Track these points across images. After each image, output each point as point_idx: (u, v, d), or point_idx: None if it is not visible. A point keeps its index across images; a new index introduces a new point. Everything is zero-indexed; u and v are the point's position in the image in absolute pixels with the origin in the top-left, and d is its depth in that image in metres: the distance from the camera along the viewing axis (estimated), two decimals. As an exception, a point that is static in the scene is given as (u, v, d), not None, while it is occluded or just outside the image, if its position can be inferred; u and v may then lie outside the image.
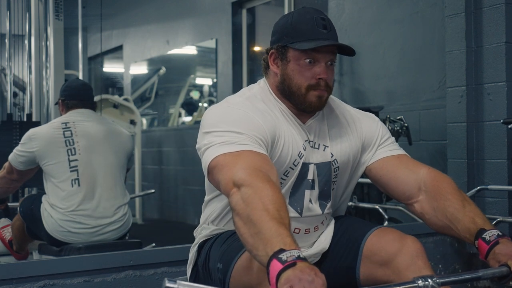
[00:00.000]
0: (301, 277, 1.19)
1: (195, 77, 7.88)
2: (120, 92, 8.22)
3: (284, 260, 1.23)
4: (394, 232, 1.69)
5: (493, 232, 1.55)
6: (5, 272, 2.15)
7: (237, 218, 1.39)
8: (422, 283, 1.35)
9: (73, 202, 2.94)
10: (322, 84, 1.67)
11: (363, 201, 3.86)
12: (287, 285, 1.19)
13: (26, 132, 3.06)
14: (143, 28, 8.11)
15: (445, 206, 1.65)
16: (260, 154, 1.54)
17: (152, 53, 8.03)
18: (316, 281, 1.20)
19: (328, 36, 1.65)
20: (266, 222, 1.32)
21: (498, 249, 1.51)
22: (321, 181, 1.73)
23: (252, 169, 1.45)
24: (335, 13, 4.94)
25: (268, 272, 1.25)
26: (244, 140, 1.55)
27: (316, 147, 1.74)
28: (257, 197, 1.38)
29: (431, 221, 1.71)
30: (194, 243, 1.84)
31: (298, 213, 1.71)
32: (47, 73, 4.77)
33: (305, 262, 1.23)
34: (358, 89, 4.79)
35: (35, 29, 4.83)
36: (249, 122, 1.60)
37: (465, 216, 1.61)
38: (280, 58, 1.70)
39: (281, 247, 1.25)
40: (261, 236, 1.31)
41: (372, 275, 1.68)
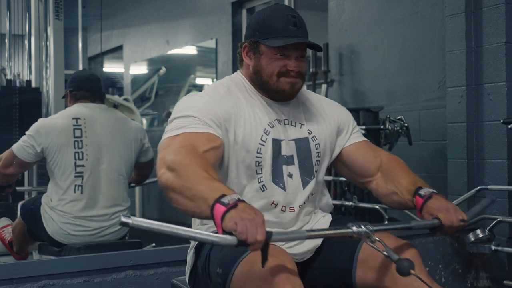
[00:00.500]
0: (243, 216, 1.35)
1: (195, 77, 7.88)
2: (120, 92, 8.22)
3: (227, 203, 1.39)
4: (390, 238, 1.71)
5: (428, 189, 1.72)
6: (5, 272, 2.15)
7: (172, 193, 1.53)
8: (356, 229, 1.49)
9: (74, 208, 2.92)
10: (292, 74, 1.76)
11: (363, 201, 3.86)
12: (231, 223, 1.35)
13: (36, 124, 2.97)
14: (143, 28, 8.12)
15: (394, 176, 1.83)
16: (199, 133, 1.65)
17: (152, 53, 8.03)
18: (257, 219, 1.36)
19: (297, 33, 1.75)
20: (199, 183, 1.47)
21: (431, 203, 1.68)
22: (300, 156, 1.80)
23: (181, 148, 1.58)
24: (335, 13, 4.94)
25: (213, 216, 1.40)
26: (190, 123, 1.67)
27: (292, 125, 1.82)
28: (184, 167, 1.51)
29: (383, 192, 1.86)
30: (190, 246, 1.84)
31: (282, 188, 1.77)
32: (47, 73, 4.77)
33: (245, 203, 1.40)
34: (358, 89, 4.79)
35: (35, 29, 4.83)
36: (201, 106, 1.71)
37: (408, 181, 1.78)
38: (252, 52, 1.80)
39: (221, 193, 1.42)
40: (199, 195, 1.45)
41: (368, 279, 1.70)
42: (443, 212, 1.64)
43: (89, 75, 3.25)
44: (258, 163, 1.75)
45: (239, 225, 1.34)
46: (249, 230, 1.34)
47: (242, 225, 1.34)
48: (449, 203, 1.69)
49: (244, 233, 1.34)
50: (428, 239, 3.15)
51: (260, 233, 1.35)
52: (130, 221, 1.35)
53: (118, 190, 3.04)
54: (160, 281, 2.41)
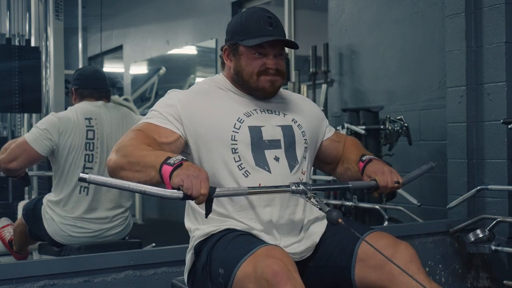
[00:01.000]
0: (187, 173, 1.50)
1: (195, 77, 7.87)
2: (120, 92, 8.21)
3: (172, 163, 1.54)
4: (389, 238, 1.74)
5: (370, 156, 1.91)
6: (5, 272, 2.15)
7: (122, 171, 1.63)
8: (295, 188, 1.66)
9: (77, 209, 2.91)
10: (271, 72, 1.84)
11: (363, 201, 3.86)
12: (177, 179, 1.49)
13: (50, 119, 2.87)
14: (143, 28, 8.12)
15: (347, 155, 2.00)
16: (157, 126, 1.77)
17: (152, 53, 8.03)
18: (201, 175, 1.51)
19: (273, 32, 1.83)
20: (146, 155, 1.61)
21: (370, 167, 1.85)
22: (286, 141, 1.85)
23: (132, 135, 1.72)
24: (335, 13, 4.94)
25: (161, 177, 1.54)
26: (153, 116, 1.81)
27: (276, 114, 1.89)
28: (130, 148, 1.66)
29: (340, 171, 2.03)
30: (189, 247, 1.85)
31: (267, 170, 1.80)
32: (47, 73, 4.77)
33: (190, 162, 1.56)
34: (358, 89, 4.79)
35: (35, 29, 4.83)
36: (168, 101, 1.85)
37: (356, 154, 1.95)
38: (232, 54, 1.89)
39: (167, 156, 1.57)
40: (147, 164, 1.58)
41: (366, 279, 1.72)
42: (379, 174, 1.80)
43: (94, 72, 3.17)
44: (234, 150, 1.79)
45: (185, 181, 1.49)
46: (194, 185, 1.49)
47: (188, 181, 1.49)
48: (386, 166, 1.85)
49: (190, 188, 1.48)
50: (428, 239, 3.15)
51: (203, 187, 1.50)
52: (87, 176, 1.47)
53: (122, 191, 3.03)
54: (160, 281, 2.40)
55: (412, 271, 1.62)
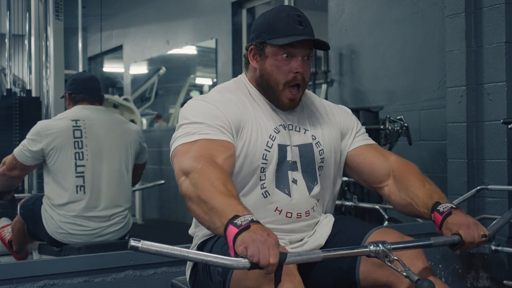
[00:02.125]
0: (254, 237, 1.32)
1: (195, 77, 7.88)
2: (120, 92, 8.22)
3: (239, 224, 1.36)
4: (394, 233, 1.72)
5: (447, 205, 1.67)
6: (5, 272, 2.15)
7: (190, 203, 1.52)
8: (374, 248, 1.46)
9: (76, 208, 2.92)
10: (299, 78, 1.75)
11: (363, 201, 3.86)
12: (242, 246, 1.31)
13: (35, 126, 2.98)
14: (143, 28, 8.12)
15: (407, 186, 1.78)
16: (215, 140, 1.65)
17: (152, 53, 8.03)
18: (269, 241, 1.32)
19: (303, 31, 1.74)
20: (216, 197, 1.45)
21: (451, 220, 1.62)
22: (303, 161, 1.79)
23: (199, 156, 1.58)
24: (335, 13, 4.94)
25: (226, 237, 1.37)
26: (203, 129, 1.66)
27: (296, 130, 1.81)
28: (202, 178, 1.51)
29: (396, 201, 1.82)
30: (192, 245, 1.84)
31: (287, 194, 1.76)
32: (47, 73, 4.77)
33: (259, 224, 1.36)
34: (358, 89, 4.79)
35: (35, 29, 4.82)
36: (211, 112, 1.71)
37: (424, 193, 1.73)
38: (259, 54, 1.79)
39: (235, 214, 1.39)
40: (214, 210, 1.44)
41: (371, 276, 1.69)
42: (464, 228, 1.59)
43: (88, 78, 3.24)
44: (262, 169, 1.73)
45: (249, 248, 1.31)
46: (261, 252, 1.30)
47: (254, 247, 1.31)
48: (469, 217, 1.64)
49: (256, 256, 1.30)
50: (428, 239, 3.15)
51: (273, 256, 1.31)
52: (139, 245, 1.31)
53: (120, 190, 3.04)
54: (160, 281, 2.40)
55: (417, 266, 1.61)
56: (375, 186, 1.89)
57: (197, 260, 1.34)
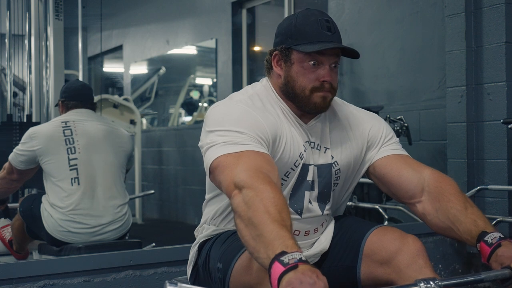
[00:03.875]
0: (302, 279, 1.19)
1: (195, 77, 7.87)
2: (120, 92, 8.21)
3: (286, 262, 1.23)
4: (395, 231, 1.69)
5: (495, 234, 1.56)
6: (5, 272, 2.15)
7: (239, 220, 1.40)
8: (424, 285, 1.35)
9: (72, 200, 2.94)
10: (327, 86, 1.67)
11: (363, 201, 3.86)
12: (289, 287, 1.19)
13: (27, 131, 3.06)
14: (143, 28, 8.11)
15: (447, 207, 1.66)
16: (262, 153, 1.54)
17: (152, 53, 8.03)
18: (318, 284, 1.20)
19: (332, 38, 1.66)
20: (267, 224, 1.33)
21: (501, 252, 1.52)
22: (321, 182, 1.73)
23: (253, 171, 1.45)
24: (335, 13, 4.94)
25: (270, 274, 1.25)
26: (246, 140, 1.55)
27: (318, 149, 1.74)
28: (258, 199, 1.38)
29: (433, 222, 1.71)
30: (194, 243, 1.83)
31: (298, 214, 1.71)
32: (47, 73, 4.77)
33: (307, 265, 1.23)
34: (358, 89, 4.79)
35: (35, 29, 4.82)
36: (251, 120, 1.60)
37: (467, 218, 1.61)
38: (283, 60, 1.70)
39: (283, 249, 1.26)
40: (262, 238, 1.31)
41: (373, 274, 1.68)
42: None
43: (80, 86, 3.33)
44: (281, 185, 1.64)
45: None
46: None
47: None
48: None
49: None
50: (428, 239, 3.15)
51: None
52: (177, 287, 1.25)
53: (115, 182, 3.08)
54: (160, 281, 2.41)
55: (418, 265, 1.59)
56: (405, 201, 1.78)
57: None
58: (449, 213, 1.65)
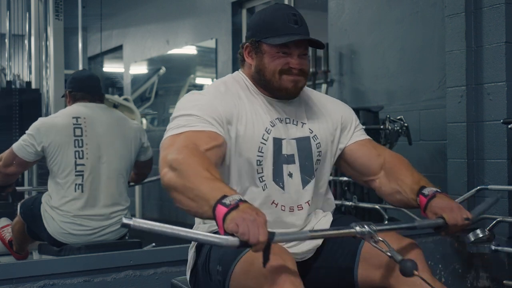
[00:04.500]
0: (244, 216, 1.35)
1: (195, 77, 7.87)
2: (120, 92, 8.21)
3: (228, 204, 1.38)
4: (392, 234, 1.71)
5: (432, 188, 1.72)
6: (5, 272, 2.15)
7: (175, 193, 1.52)
8: (359, 229, 1.48)
9: (74, 207, 2.92)
10: (294, 71, 1.76)
11: (363, 201, 3.86)
12: (232, 224, 1.34)
13: (36, 123, 2.97)
14: (143, 28, 8.11)
15: (397, 175, 1.82)
16: (201, 131, 1.65)
17: (152, 53, 8.03)
18: (258, 220, 1.35)
19: (298, 31, 1.75)
20: (201, 183, 1.47)
21: (435, 203, 1.66)
22: (301, 155, 1.80)
23: (183, 147, 1.58)
24: (335, 13, 4.94)
25: (215, 217, 1.40)
26: (191, 121, 1.67)
27: (294, 124, 1.82)
28: (186, 167, 1.52)
29: (386, 191, 1.86)
30: (191, 244, 1.84)
31: (281, 187, 1.77)
32: (47, 73, 4.77)
33: (247, 204, 1.40)
34: (358, 89, 4.79)
35: (35, 29, 4.83)
36: (203, 104, 1.72)
37: (412, 180, 1.77)
38: (254, 52, 1.81)
39: (223, 194, 1.41)
40: (201, 195, 1.45)
41: (370, 277, 1.69)
42: (447, 211, 1.63)
43: (88, 76, 3.26)
44: (259, 162, 1.75)
45: (240, 226, 1.34)
46: (250, 231, 1.33)
47: (244, 226, 1.34)
48: (453, 202, 1.68)
49: (246, 234, 1.33)
50: (428, 239, 3.15)
51: (262, 234, 1.34)
52: (131, 222, 1.34)
53: (118, 189, 3.05)
54: (160, 281, 2.40)
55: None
56: (366, 179, 1.92)
57: (187, 237, 1.37)
58: (398, 179, 1.80)
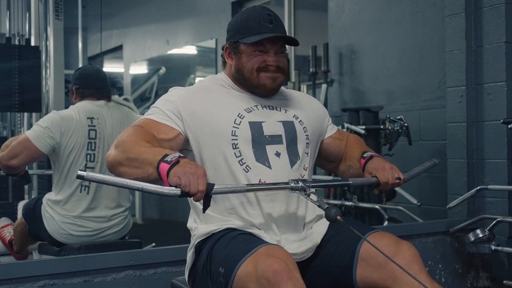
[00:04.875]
0: (184, 170, 1.51)
1: (195, 77, 7.88)
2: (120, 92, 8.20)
3: (169, 160, 1.55)
4: (390, 237, 1.74)
5: (371, 152, 1.91)
6: (5, 272, 2.15)
7: (120, 167, 1.65)
8: (294, 184, 1.65)
9: (78, 208, 2.92)
10: (271, 68, 1.85)
11: (363, 201, 3.86)
12: (175, 177, 1.50)
13: (52, 117, 2.86)
14: (143, 28, 8.11)
15: (349, 153, 1.98)
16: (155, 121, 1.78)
17: (152, 53, 8.03)
18: (198, 172, 1.51)
19: (273, 29, 1.84)
20: (143, 152, 1.61)
21: (371, 164, 1.85)
22: (287, 137, 1.86)
23: (131, 132, 1.72)
24: (335, 13, 4.94)
25: (159, 175, 1.55)
26: (155, 112, 1.82)
27: (277, 110, 1.90)
28: (128, 143, 1.66)
29: (342, 169, 2.01)
30: (190, 245, 1.85)
31: (268, 166, 1.80)
32: (47, 73, 4.77)
33: (186, 159, 1.56)
34: (358, 89, 4.79)
35: (35, 29, 4.82)
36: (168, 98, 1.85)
37: (358, 152, 1.94)
38: (233, 52, 1.90)
39: (164, 153, 1.57)
40: (145, 161, 1.59)
41: (368, 278, 1.71)
42: (380, 171, 1.80)
43: (95, 72, 3.16)
44: (234, 145, 1.80)
45: (182, 179, 1.49)
46: (191, 182, 1.49)
47: (185, 178, 1.49)
48: (387, 162, 1.84)
49: (187, 186, 1.49)
50: (428, 239, 3.15)
51: (201, 184, 1.50)
52: (85, 174, 1.47)
53: (121, 190, 3.04)
54: (160, 281, 2.40)
55: (414, 270, 1.62)
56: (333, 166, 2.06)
57: (135, 187, 1.51)
58: (351, 155, 1.97)
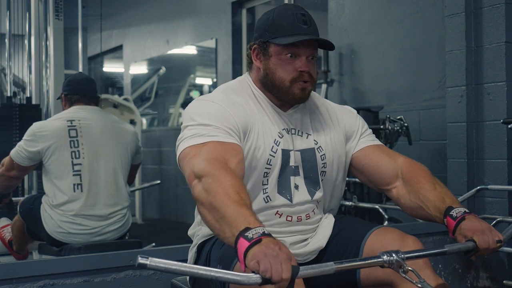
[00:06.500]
0: (266, 252, 1.28)
1: (195, 77, 7.88)
2: (120, 92, 8.21)
3: (250, 237, 1.32)
4: (395, 232, 1.71)
5: (460, 209, 1.64)
6: (5, 272, 2.15)
7: (202, 208, 1.48)
8: (387, 257, 1.42)
9: (74, 207, 2.92)
10: (305, 76, 1.72)
11: (363, 201, 3.86)
12: (253, 260, 1.27)
13: (31, 127, 3.00)
14: (143, 28, 8.11)
15: (417, 188, 1.75)
16: (225, 143, 1.61)
17: (152, 53, 8.03)
18: (281, 255, 1.28)
19: (308, 31, 1.71)
20: (228, 206, 1.41)
21: (464, 225, 1.59)
22: (305, 166, 1.77)
23: (211, 160, 1.53)
24: (335, 13, 4.94)
25: (236, 250, 1.34)
26: (212, 131, 1.62)
27: (299, 135, 1.79)
28: (216, 184, 1.46)
29: (406, 204, 1.79)
30: (192, 245, 1.84)
31: (288, 199, 1.74)
32: (47, 73, 4.77)
33: (270, 238, 1.32)
34: (358, 89, 4.79)
35: (35, 29, 4.82)
36: (219, 113, 1.67)
37: (436, 196, 1.70)
38: (262, 53, 1.76)
39: (246, 226, 1.34)
40: (225, 219, 1.39)
41: (372, 275, 1.69)
42: (478, 234, 1.55)
43: (84, 79, 3.26)
44: (266, 174, 1.72)
45: (261, 263, 1.26)
46: (273, 267, 1.26)
47: (266, 262, 1.26)
48: (483, 223, 1.61)
49: (268, 271, 1.26)
50: (428, 239, 3.15)
51: (285, 270, 1.27)
52: (148, 262, 1.25)
53: (118, 188, 3.05)
54: (160, 281, 2.40)
55: (418, 265, 1.59)
56: (382, 188, 1.86)
57: (207, 276, 1.28)
58: (419, 193, 1.73)
